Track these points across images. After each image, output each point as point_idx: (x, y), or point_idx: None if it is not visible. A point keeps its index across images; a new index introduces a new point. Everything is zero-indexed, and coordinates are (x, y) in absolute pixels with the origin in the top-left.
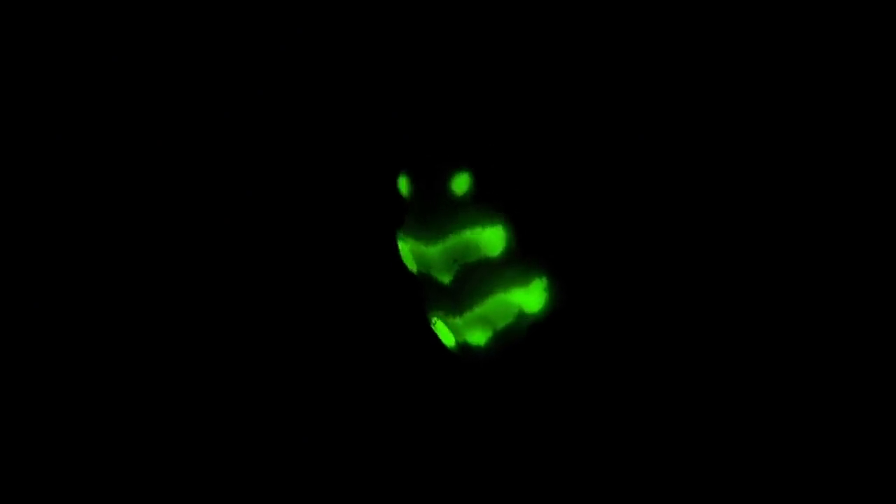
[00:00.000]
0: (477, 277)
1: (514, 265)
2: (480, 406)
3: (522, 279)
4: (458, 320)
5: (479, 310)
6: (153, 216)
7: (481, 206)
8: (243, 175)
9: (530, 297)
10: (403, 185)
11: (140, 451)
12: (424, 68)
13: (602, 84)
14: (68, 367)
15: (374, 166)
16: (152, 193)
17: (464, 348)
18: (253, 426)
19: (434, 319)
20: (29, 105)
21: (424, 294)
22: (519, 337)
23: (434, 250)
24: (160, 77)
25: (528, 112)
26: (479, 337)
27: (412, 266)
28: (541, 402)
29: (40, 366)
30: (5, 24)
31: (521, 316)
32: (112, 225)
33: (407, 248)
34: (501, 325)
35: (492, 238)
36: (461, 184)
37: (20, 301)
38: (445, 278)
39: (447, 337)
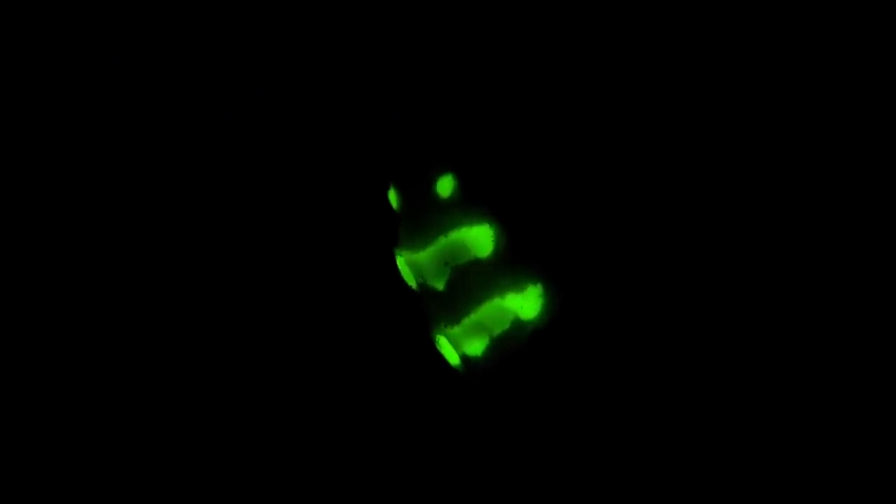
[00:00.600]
0: (470, 280)
1: (508, 268)
2: (486, 423)
3: (517, 284)
4: (456, 330)
5: (476, 316)
6: (149, 216)
7: (466, 205)
8: (243, 174)
9: (526, 303)
10: (393, 197)
11: (137, 451)
12: (401, 77)
13: (591, 80)
14: (68, 366)
15: (367, 183)
16: (149, 193)
17: (466, 363)
18: (260, 438)
19: (438, 338)
20: (29, 105)
21: (426, 312)
22: (519, 345)
23: (425, 255)
24: (160, 77)
25: (508, 111)
26: (476, 346)
27: (411, 281)
28: (543, 411)
29: (40, 366)
30: (5, 25)
31: (518, 322)
32: (111, 224)
33: (403, 262)
34: (498, 331)
35: (479, 237)
36: (446, 186)
37: (20, 301)
38: (439, 284)
39: (452, 355)
